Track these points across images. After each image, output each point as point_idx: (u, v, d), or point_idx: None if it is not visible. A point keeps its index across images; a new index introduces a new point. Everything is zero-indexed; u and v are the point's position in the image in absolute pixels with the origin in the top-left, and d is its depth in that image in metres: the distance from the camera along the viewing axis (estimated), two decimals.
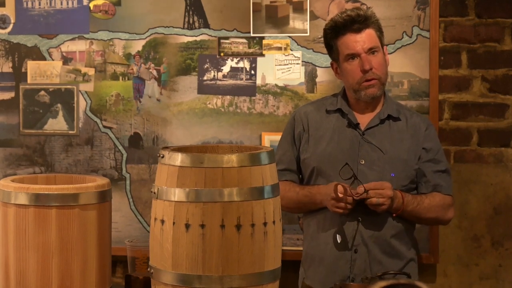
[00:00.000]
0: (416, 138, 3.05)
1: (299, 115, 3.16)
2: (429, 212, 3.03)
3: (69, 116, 3.85)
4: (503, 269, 3.71)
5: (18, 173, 3.83)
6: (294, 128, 3.14)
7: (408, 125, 3.07)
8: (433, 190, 3.05)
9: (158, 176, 2.37)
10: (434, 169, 3.05)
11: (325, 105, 3.14)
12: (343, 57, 3.02)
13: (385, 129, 3.05)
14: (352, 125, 3.04)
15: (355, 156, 3.00)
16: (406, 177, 3.02)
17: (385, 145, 3.02)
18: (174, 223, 2.28)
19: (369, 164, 2.99)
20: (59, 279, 2.41)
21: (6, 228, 2.44)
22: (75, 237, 2.42)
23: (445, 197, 3.07)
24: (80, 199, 2.43)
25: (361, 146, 3.02)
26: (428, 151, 3.05)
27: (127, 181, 3.83)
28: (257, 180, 2.31)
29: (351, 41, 2.98)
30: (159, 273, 2.33)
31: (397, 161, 3.00)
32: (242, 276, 2.28)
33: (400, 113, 3.09)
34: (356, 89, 3.01)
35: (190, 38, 3.77)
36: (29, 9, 3.86)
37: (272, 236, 2.33)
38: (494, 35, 3.66)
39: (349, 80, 3.02)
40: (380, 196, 2.87)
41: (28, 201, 2.40)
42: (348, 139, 3.03)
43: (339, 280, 2.91)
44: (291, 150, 3.14)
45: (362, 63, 2.97)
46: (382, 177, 2.97)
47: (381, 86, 3.02)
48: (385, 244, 2.99)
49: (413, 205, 2.98)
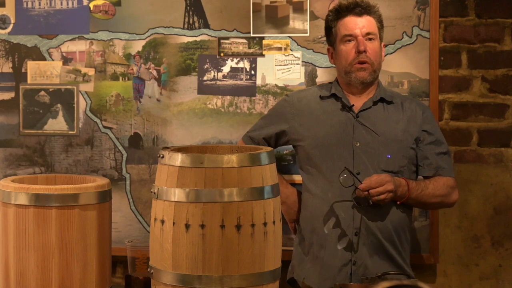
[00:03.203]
0: (413, 120, 3.07)
1: (292, 99, 3.20)
2: (434, 197, 3.04)
3: (69, 116, 3.85)
4: (503, 269, 3.71)
5: (18, 173, 3.83)
6: (286, 110, 3.17)
7: (404, 108, 3.10)
8: (436, 172, 3.06)
9: (158, 176, 2.37)
10: (436, 151, 3.07)
11: (319, 91, 3.17)
12: (340, 37, 3.06)
13: (379, 112, 3.07)
14: (346, 108, 3.06)
15: (350, 138, 3.02)
16: (403, 157, 3.03)
17: (379, 127, 3.04)
18: (174, 223, 2.28)
19: (364, 146, 3.01)
20: (59, 279, 2.41)
21: (6, 228, 2.44)
22: (75, 237, 2.42)
23: (449, 180, 3.08)
24: (80, 199, 2.43)
25: (355, 128, 3.04)
26: (430, 134, 3.08)
27: (127, 181, 3.83)
28: (257, 180, 2.31)
29: (351, 22, 3.05)
30: (159, 273, 2.33)
31: (392, 142, 3.02)
32: (242, 276, 2.28)
33: (394, 97, 3.12)
34: (348, 71, 3.05)
35: (190, 38, 3.77)
36: (29, 9, 3.86)
37: (272, 236, 2.33)
38: (494, 35, 3.66)
39: (342, 61, 3.06)
40: (381, 193, 2.87)
41: (28, 201, 2.40)
42: (342, 122, 3.06)
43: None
44: (269, 127, 3.18)
45: (357, 44, 3.02)
46: (378, 159, 2.99)
47: (373, 72, 3.05)
48: (385, 231, 2.99)
49: (418, 192, 2.99)
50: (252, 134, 3.21)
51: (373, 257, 2.98)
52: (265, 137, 3.17)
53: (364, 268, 2.97)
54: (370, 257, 2.98)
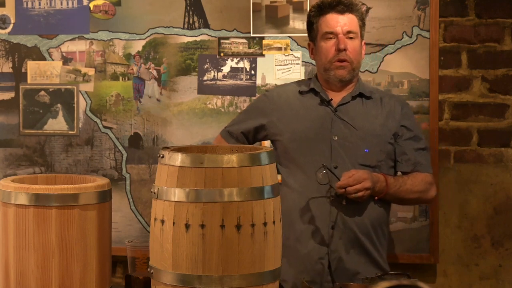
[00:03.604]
0: (392, 116, 3.08)
1: (272, 94, 3.20)
2: (412, 193, 3.04)
3: (69, 116, 3.85)
4: (503, 269, 3.71)
5: (18, 173, 3.83)
6: (265, 105, 3.17)
7: (383, 104, 3.10)
8: (414, 168, 3.06)
9: (158, 176, 2.37)
10: (414, 147, 3.07)
11: (298, 87, 3.17)
12: (321, 34, 3.06)
13: (358, 106, 3.08)
14: (324, 102, 3.07)
15: (328, 132, 3.02)
16: (381, 152, 3.03)
17: (358, 122, 3.04)
18: (174, 223, 2.28)
19: (342, 141, 3.02)
20: (59, 279, 2.41)
21: (6, 228, 2.43)
22: (75, 237, 2.42)
23: (427, 176, 3.08)
24: (80, 199, 2.42)
25: (334, 122, 3.04)
26: (408, 129, 3.08)
27: (127, 181, 3.83)
28: (257, 180, 2.31)
29: (333, 20, 3.04)
30: (159, 273, 2.33)
31: (370, 136, 3.03)
32: (242, 276, 2.28)
33: (373, 93, 3.12)
34: (327, 68, 3.05)
35: (190, 38, 3.77)
36: (29, 9, 3.86)
37: (272, 236, 2.33)
38: (494, 35, 3.66)
39: (322, 58, 3.06)
40: (358, 191, 2.88)
41: (28, 201, 2.40)
42: (321, 116, 3.06)
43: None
44: (248, 122, 3.18)
45: (338, 42, 3.02)
46: (356, 153, 3.00)
47: (352, 70, 3.05)
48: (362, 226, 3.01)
49: (396, 187, 2.99)
50: (230, 129, 3.21)
51: (349, 252, 2.99)
52: (244, 132, 3.17)
53: (340, 262, 2.98)
54: (346, 251, 2.99)
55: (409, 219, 3.69)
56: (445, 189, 3.70)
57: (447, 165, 3.70)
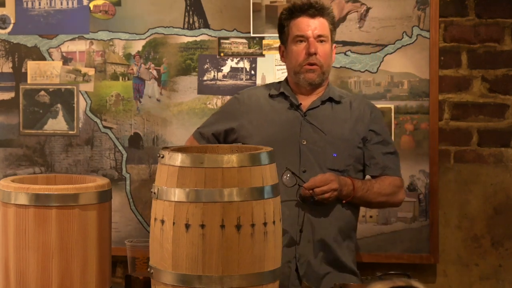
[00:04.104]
0: (361, 120, 3.09)
1: (242, 96, 3.20)
2: (380, 196, 3.05)
3: (69, 116, 3.85)
4: (503, 269, 3.71)
5: (18, 173, 3.83)
6: (235, 108, 3.17)
7: (352, 108, 3.11)
8: (382, 172, 3.08)
9: (158, 176, 2.37)
10: (383, 151, 3.09)
11: (268, 90, 3.17)
12: (292, 38, 3.07)
13: (327, 111, 3.09)
14: (294, 106, 3.08)
15: (297, 136, 3.03)
16: (350, 156, 3.05)
17: (327, 126, 3.06)
18: (174, 223, 2.28)
19: (311, 145, 3.03)
20: (59, 280, 2.41)
21: (6, 228, 2.43)
22: (75, 237, 2.42)
23: (395, 179, 3.09)
24: (80, 199, 2.42)
25: (303, 126, 3.06)
26: (377, 134, 3.10)
27: (127, 181, 3.83)
28: (257, 180, 2.31)
29: (304, 23, 3.05)
30: (159, 273, 2.33)
31: (339, 141, 3.04)
32: (242, 276, 2.28)
33: (342, 97, 3.13)
34: (297, 71, 3.06)
35: (190, 38, 3.77)
36: (29, 9, 3.86)
37: (272, 236, 2.33)
38: (494, 35, 3.66)
39: (293, 61, 3.07)
40: (325, 192, 2.89)
41: (28, 201, 2.40)
42: (290, 120, 3.08)
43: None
44: (218, 124, 3.18)
45: (308, 46, 3.03)
46: (325, 157, 3.01)
47: (321, 74, 3.07)
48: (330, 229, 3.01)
49: (363, 191, 3.01)
50: (202, 130, 3.22)
51: (318, 255, 3.00)
52: (214, 133, 3.18)
53: (308, 266, 2.98)
54: (313, 254, 2.99)
55: (409, 219, 3.69)
56: (445, 189, 3.70)
57: (447, 165, 3.70)
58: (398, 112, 3.68)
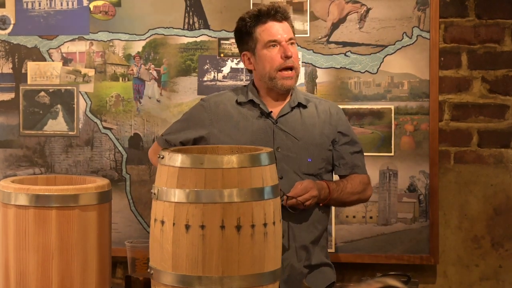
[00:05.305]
0: (328, 122, 3.11)
1: (209, 104, 3.14)
2: (352, 195, 3.10)
3: (69, 117, 3.85)
4: (503, 270, 3.71)
5: (18, 174, 3.83)
6: (203, 116, 3.13)
7: (319, 111, 3.12)
8: (351, 171, 3.12)
9: (158, 177, 2.37)
10: (351, 150, 3.13)
11: (235, 96, 3.14)
12: (263, 43, 3.04)
13: (297, 117, 3.10)
14: (264, 114, 3.07)
15: (271, 144, 3.03)
16: (322, 160, 3.08)
17: (298, 132, 3.07)
18: (174, 224, 2.28)
19: (286, 152, 3.04)
20: (59, 280, 2.41)
21: (6, 229, 2.43)
22: (75, 238, 2.42)
23: (363, 177, 3.14)
24: (80, 200, 2.42)
25: (276, 134, 3.06)
26: (344, 135, 3.13)
27: (127, 182, 3.83)
28: (257, 181, 2.31)
29: (274, 28, 3.04)
30: (159, 274, 2.33)
31: (312, 146, 3.07)
32: (242, 277, 2.28)
33: (308, 101, 3.14)
34: (273, 77, 3.04)
35: (190, 39, 3.77)
36: (29, 10, 3.86)
37: (272, 237, 2.33)
38: (494, 36, 3.66)
39: (267, 67, 3.04)
40: (307, 200, 2.94)
41: (28, 202, 2.40)
42: (262, 128, 3.07)
43: None
44: (186, 132, 3.13)
45: (284, 50, 3.02)
46: (300, 163, 3.03)
47: (296, 78, 3.08)
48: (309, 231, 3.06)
49: (338, 192, 3.05)
50: (168, 137, 3.15)
51: (300, 257, 3.02)
52: (183, 142, 3.13)
53: (291, 268, 3.00)
54: (297, 258, 3.02)
55: (409, 220, 3.69)
56: (445, 190, 3.70)
57: (447, 166, 3.70)
58: (398, 112, 3.68)
